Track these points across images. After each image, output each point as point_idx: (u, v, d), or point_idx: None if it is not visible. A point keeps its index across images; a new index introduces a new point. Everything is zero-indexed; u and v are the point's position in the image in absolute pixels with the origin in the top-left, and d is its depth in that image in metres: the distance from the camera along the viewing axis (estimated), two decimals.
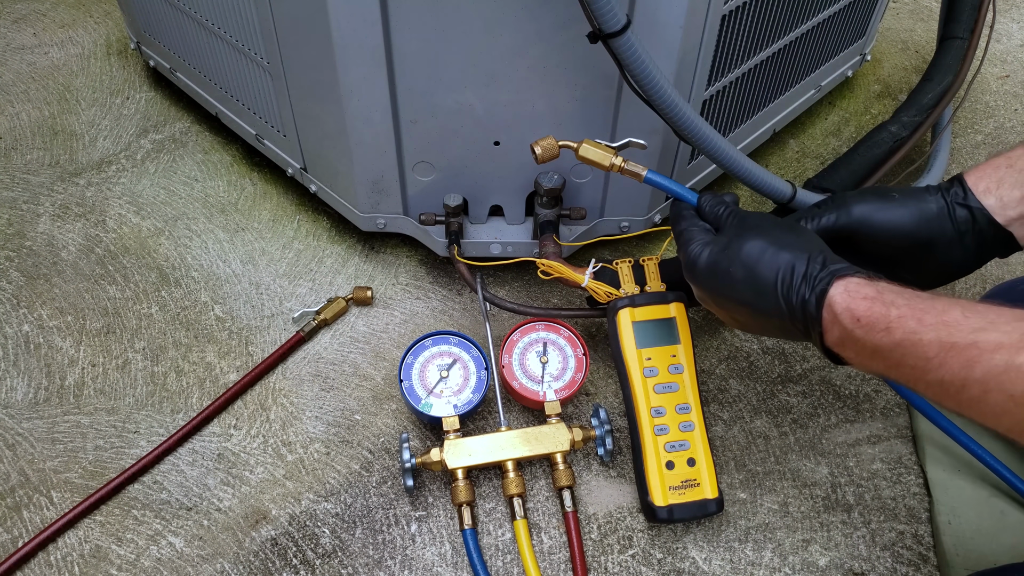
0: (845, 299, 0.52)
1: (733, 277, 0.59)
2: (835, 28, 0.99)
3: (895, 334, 0.48)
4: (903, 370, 0.48)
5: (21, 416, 0.80)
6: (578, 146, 0.70)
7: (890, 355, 0.49)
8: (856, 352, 0.52)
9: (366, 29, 0.71)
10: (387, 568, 0.70)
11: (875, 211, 0.64)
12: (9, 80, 1.20)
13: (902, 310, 0.49)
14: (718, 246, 0.61)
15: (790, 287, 0.55)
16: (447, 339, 0.80)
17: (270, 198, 1.03)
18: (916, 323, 0.48)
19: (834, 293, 0.53)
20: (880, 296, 0.51)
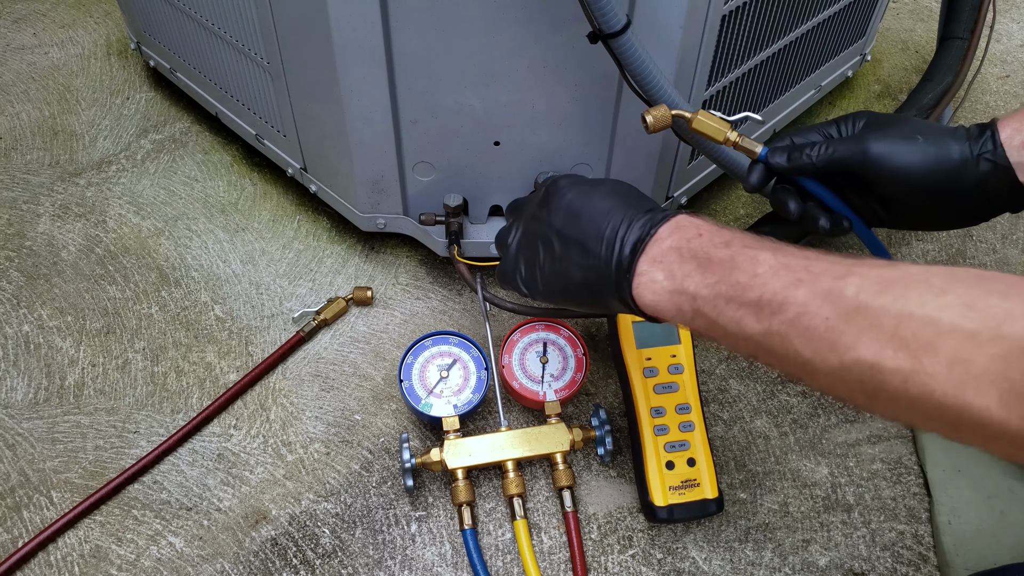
0: (695, 218, 0.52)
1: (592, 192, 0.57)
2: (835, 28, 0.99)
3: (733, 246, 0.48)
4: (722, 287, 0.46)
5: (21, 416, 0.80)
6: (692, 117, 0.66)
7: (717, 268, 0.47)
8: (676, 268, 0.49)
9: (366, 29, 0.71)
10: (387, 568, 0.70)
11: (893, 153, 0.60)
12: (9, 80, 1.20)
13: (747, 236, 0.49)
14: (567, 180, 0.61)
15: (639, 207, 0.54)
16: (447, 339, 0.80)
17: (270, 198, 1.03)
18: (756, 242, 0.48)
19: (683, 215, 0.53)
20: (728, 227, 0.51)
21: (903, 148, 0.60)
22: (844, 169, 0.62)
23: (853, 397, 0.42)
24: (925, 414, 0.38)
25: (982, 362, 0.35)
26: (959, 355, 0.36)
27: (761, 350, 0.45)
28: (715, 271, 0.47)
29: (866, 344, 0.39)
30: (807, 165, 0.63)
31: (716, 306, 0.47)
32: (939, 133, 0.61)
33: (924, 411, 0.38)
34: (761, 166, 0.65)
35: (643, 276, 0.51)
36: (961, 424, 0.37)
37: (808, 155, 0.62)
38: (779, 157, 0.64)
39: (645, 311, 0.52)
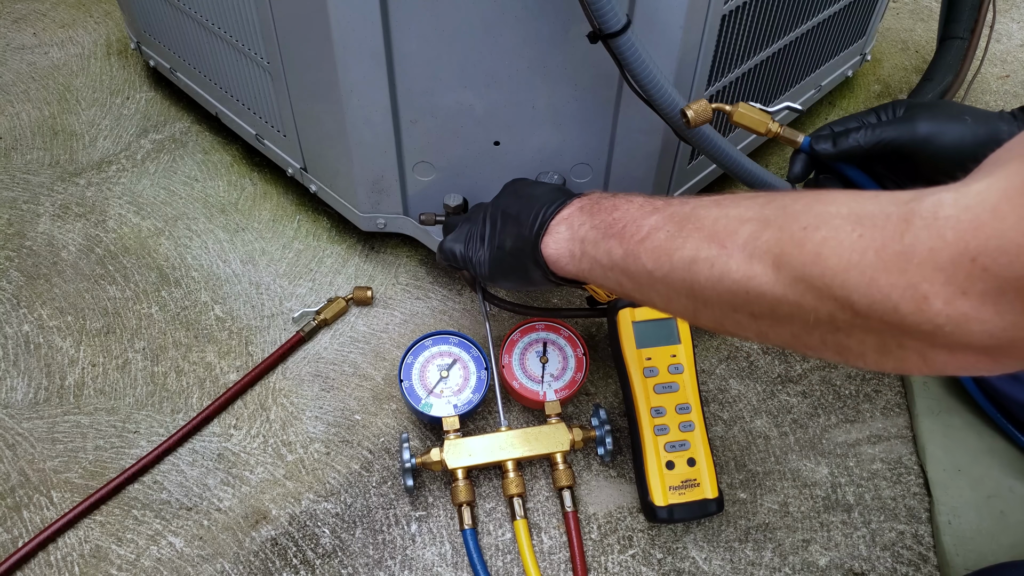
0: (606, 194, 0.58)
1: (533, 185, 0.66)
2: (835, 28, 0.99)
3: (618, 197, 0.55)
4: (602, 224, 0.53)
5: (21, 416, 0.80)
6: (733, 109, 0.66)
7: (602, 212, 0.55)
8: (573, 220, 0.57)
9: (366, 29, 0.71)
10: (387, 568, 0.70)
11: (943, 132, 0.59)
12: (9, 80, 1.20)
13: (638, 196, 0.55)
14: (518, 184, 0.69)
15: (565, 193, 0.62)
16: (447, 339, 0.80)
17: (270, 198, 1.03)
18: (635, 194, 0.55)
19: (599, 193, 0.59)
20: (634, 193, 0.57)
21: (953, 127, 0.60)
22: (893, 150, 0.62)
23: (679, 301, 0.48)
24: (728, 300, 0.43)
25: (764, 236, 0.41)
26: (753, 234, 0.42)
27: (624, 275, 0.51)
28: (599, 215, 0.55)
29: (690, 243, 0.46)
30: (854, 148, 0.62)
31: (596, 243, 0.54)
32: (983, 114, 0.61)
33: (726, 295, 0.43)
34: (803, 156, 0.65)
35: (551, 234, 0.58)
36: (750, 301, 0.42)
37: (855, 138, 0.62)
38: (824, 144, 0.63)
39: (548, 264, 0.58)
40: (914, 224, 0.35)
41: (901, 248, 0.35)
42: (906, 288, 0.34)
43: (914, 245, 0.34)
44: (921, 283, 0.34)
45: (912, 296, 0.34)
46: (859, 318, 0.37)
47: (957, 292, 0.33)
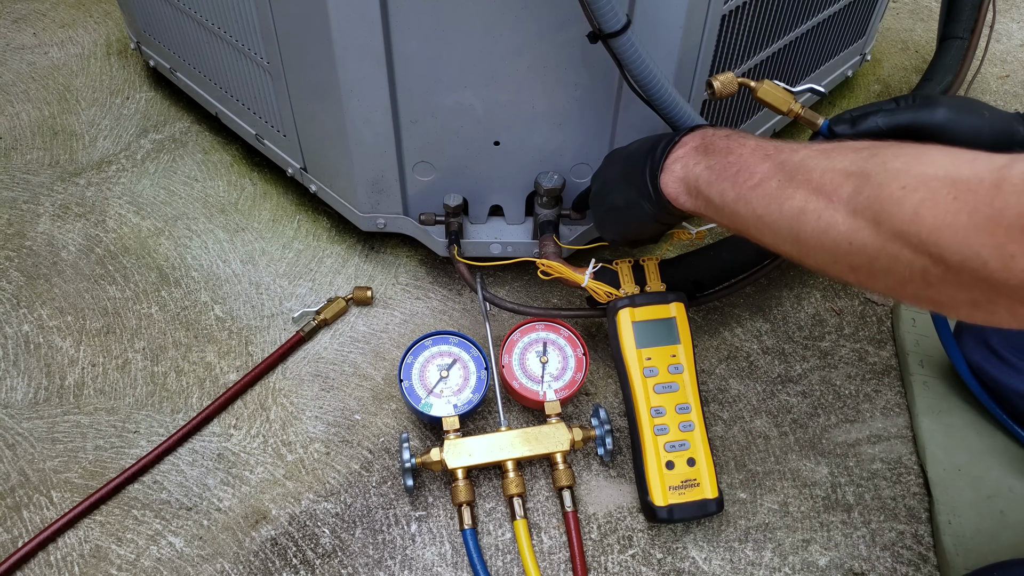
0: (713, 129, 0.62)
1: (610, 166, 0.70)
2: (835, 28, 0.99)
3: (732, 138, 0.58)
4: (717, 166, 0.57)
5: (21, 416, 0.80)
6: (758, 86, 0.68)
7: (717, 154, 0.57)
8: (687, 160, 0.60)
9: (366, 29, 0.71)
10: (387, 568, 0.70)
11: (961, 121, 0.62)
12: (9, 80, 1.20)
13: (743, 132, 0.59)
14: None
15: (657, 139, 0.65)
16: (447, 339, 0.80)
17: (270, 198, 1.03)
18: (752, 136, 0.58)
19: (707, 128, 0.62)
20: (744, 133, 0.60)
21: (971, 118, 0.62)
22: (911, 134, 0.63)
23: (787, 243, 0.51)
24: (831, 250, 0.47)
25: (866, 192, 0.44)
26: (856, 190, 0.45)
27: (734, 216, 0.55)
28: (713, 156, 0.58)
29: (799, 195, 0.49)
30: (873, 129, 0.64)
31: (709, 182, 0.57)
32: (1002, 113, 0.63)
33: (829, 246, 0.47)
34: (822, 139, 0.67)
35: (666, 172, 0.61)
36: (852, 252, 0.45)
37: (875, 121, 0.64)
38: (842, 126, 0.66)
39: (667, 198, 0.62)
40: (1004, 190, 0.38)
41: (991, 212, 0.38)
42: (995, 248, 0.37)
43: (1003, 209, 0.37)
44: (1008, 244, 0.37)
45: (1000, 255, 0.37)
46: (951, 273, 0.40)
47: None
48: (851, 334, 0.89)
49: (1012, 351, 0.73)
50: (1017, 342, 0.73)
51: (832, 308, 0.92)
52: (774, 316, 0.91)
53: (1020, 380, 0.73)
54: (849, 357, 0.87)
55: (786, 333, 0.89)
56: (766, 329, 0.90)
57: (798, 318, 0.91)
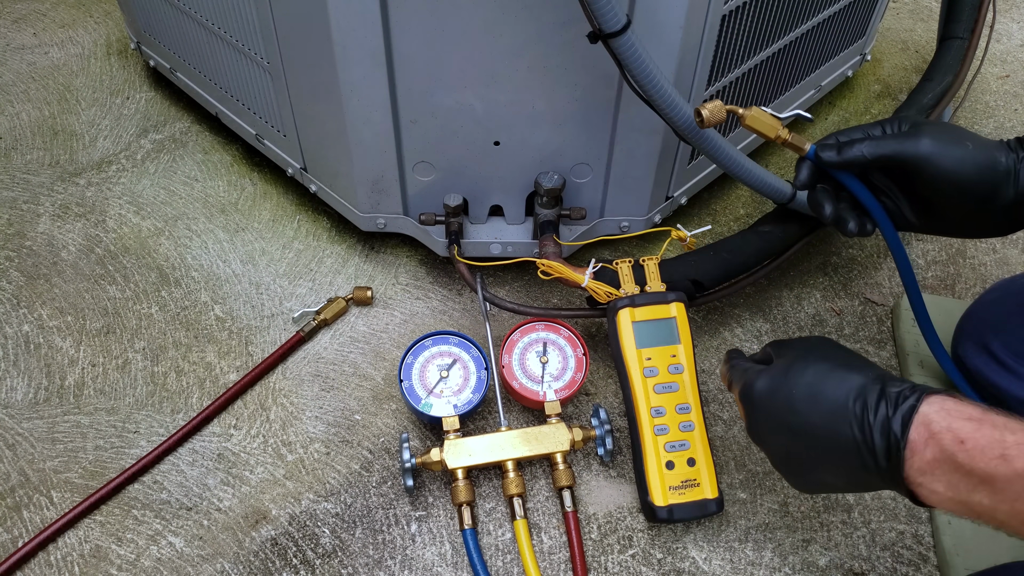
0: (944, 417, 0.45)
1: (795, 399, 0.52)
2: (835, 28, 0.99)
3: (1015, 463, 0.42)
4: (1020, 507, 0.42)
5: (21, 416, 0.80)
6: (745, 113, 0.65)
7: (1008, 487, 0.42)
8: (953, 483, 0.45)
9: (366, 29, 0.71)
10: (387, 568, 0.70)
11: (944, 155, 0.60)
12: (9, 80, 1.20)
13: (1018, 435, 0.43)
14: (777, 369, 0.55)
15: (865, 406, 0.49)
16: (447, 339, 0.80)
17: (270, 198, 1.03)
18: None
19: (928, 411, 0.46)
20: (988, 417, 0.45)
21: (954, 151, 0.60)
22: (894, 164, 0.62)
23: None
24: None
25: None
26: None
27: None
28: (1007, 490, 0.43)
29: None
30: (858, 159, 0.62)
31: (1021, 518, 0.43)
32: (984, 142, 0.61)
33: None
34: (809, 163, 0.65)
35: (922, 488, 0.47)
36: None
37: (860, 149, 0.62)
38: (829, 152, 0.63)
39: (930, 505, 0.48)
40: None
41: None
42: None
43: None
44: None
45: None
46: None
47: None
48: (851, 334, 0.89)
49: (1013, 356, 0.73)
50: (1018, 347, 0.73)
51: (832, 308, 0.92)
52: (774, 316, 0.91)
53: (1021, 386, 0.72)
54: None
55: (786, 333, 0.89)
56: (766, 329, 0.90)
57: (798, 318, 0.91)
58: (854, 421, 0.49)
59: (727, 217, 1.02)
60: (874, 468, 0.48)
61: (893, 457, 0.47)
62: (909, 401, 0.47)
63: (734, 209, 1.03)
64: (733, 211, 1.03)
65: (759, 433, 0.57)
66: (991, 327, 0.75)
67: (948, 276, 0.97)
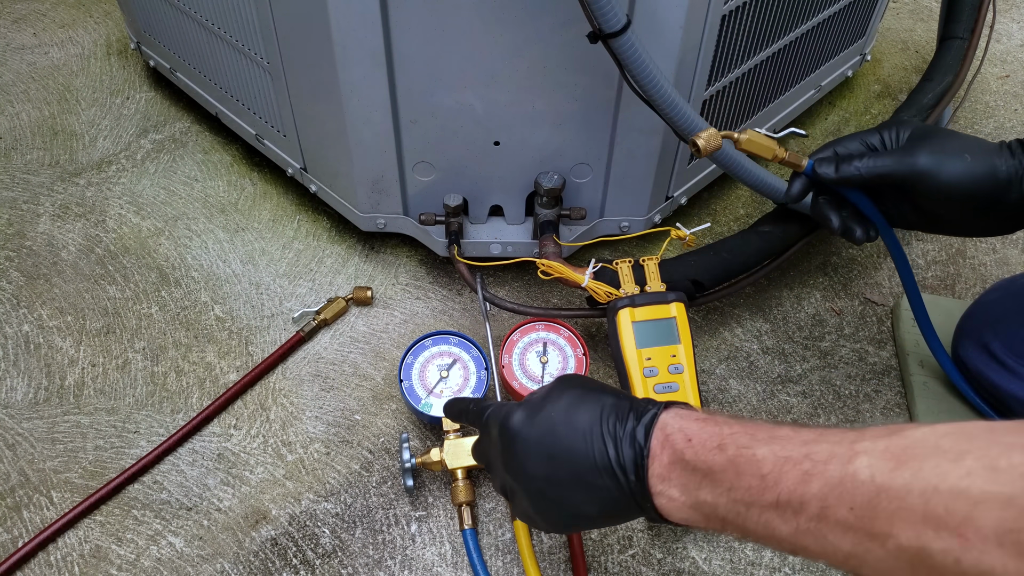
0: (677, 421, 0.47)
1: (553, 422, 0.52)
2: (835, 28, 0.99)
3: (728, 450, 0.44)
4: (736, 493, 0.43)
5: (21, 416, 0.80)
6: (740, 136, 0.65)
7: (723, 476, 0.44)
8: (684, 484, 0.46)
9: (366, 29, 0.71)
10: (387, 568, 0.70)
11: (941, 170, 0.60)
12: (9, 80, 1.20)
13: (734, 428, 0.45)
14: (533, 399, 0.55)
15: (616, 420, 0.50)
16: (447, 339, 0.80)
17: (270, 198, 1.03)
18: (748, 438, 0.43)
19: (665, 417, 0.48)
20: (712, 418, 0.47)
21: (952, 165, 0.60)
22: (891, 183, 0.62)
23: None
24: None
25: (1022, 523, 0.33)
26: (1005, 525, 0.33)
27: (799, 548, 0.42)
28: (722, 480, 0.44)
29: (902, 529, 0.36)
30: (855, 177, 0.62)
31: (739, 513, 0.44)
32: (985, 150, 0.61)
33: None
34: (803, 178, 0.65)
35: (661, 496, 0.47)
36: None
37: (856, 167, 0.62)
38: (826, 168, 0.63)
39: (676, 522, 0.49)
40: None
41: None
42: None
43: None
44: None
45: None
46: None
47: None
48: (851, 334, 0.89)
49: (1012, 356, 0.73)
50: (1018, 347, 0.73)
51: (832, 308, 0.92)
52: (774, 316, 0.91)
53: (1020, 386, 0.73)
54: (849, 357, 0.87)
55: (786, 333, 0.89)
56: (766, 329, 0.90)
57: (798, 318, 0.91)
58: (607, 435, 0.49)
59: (727, 217, 1.02)
60: (625, 485, 0.48)
61: (639, 468, 0.47)
62: (652, 411, 0.49)
63: (734, 209, 1.03)
64: (733, 211, 1.03)
65: (516, 465, 0.54)
66: (991, 327, 0.75)
67: (948, 276, 0.97)
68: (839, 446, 0.40)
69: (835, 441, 0.40)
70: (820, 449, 0.40)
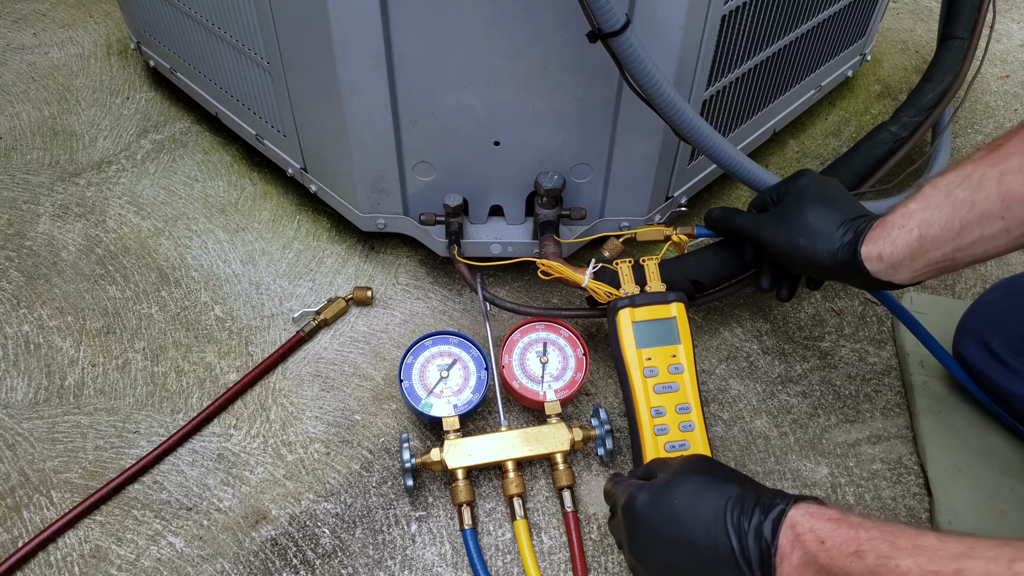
0: (808, 520, 0.47)
1: (676, 510, 0.53)
2: (835, 28, 0.99)
3: (867, 558, 0.43)
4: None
5: (21, 416, 0.80)
6: (636, 233, 0.79)
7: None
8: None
9: (366, 29, 0.71)
10: (387, 568, 0.70)
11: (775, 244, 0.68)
12: (9, 80, 1.20)
13: (871, 532, 0.44)
14: (659, 482, 0.56)
15: (741, 513, 0.50)
16: (447, 339, 0.80)
17: (270, 198, 1.03)
18: (889, 546, 0.43)
19: (795, 514, 0.48)
20: (846, 518, 0.46)
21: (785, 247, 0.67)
22: (760, 247, 0.71)
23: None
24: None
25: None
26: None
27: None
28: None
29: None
30: (730, 234, 0.76)
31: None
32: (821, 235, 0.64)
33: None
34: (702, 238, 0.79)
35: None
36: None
37: (732, 222, 0.74)
38: (710, 222, 0.77)
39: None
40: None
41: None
42: None
43: None
44: None
45: None
46: None
47: None
48: (851, 334, 0.89)
49: (1013, 355, 0.73)
50: (1019, 346, 0.73)
51: (832, 308, 0.92)
52: (774, 316, 0.91)
53: (1021, 385, 0.73)
54: (849, 357, 0.87)
55: (786, 333, 0.89)
56: (766, 329, 0.90)
57: (798, 318, 0.91)
58: (731, 529, 0.49)
59: None
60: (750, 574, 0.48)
61: (765, 564, 0.47)
62: (780, 506, 0.49)
63: None
64: None
65: (640, 548, 0.55)
66: (992, 326, 0.75)
67: (948, 276, 0.97)
68: (995, 564, 0.39)
69: (990, 558, 0.39)
70: (973, 567, 0.39)
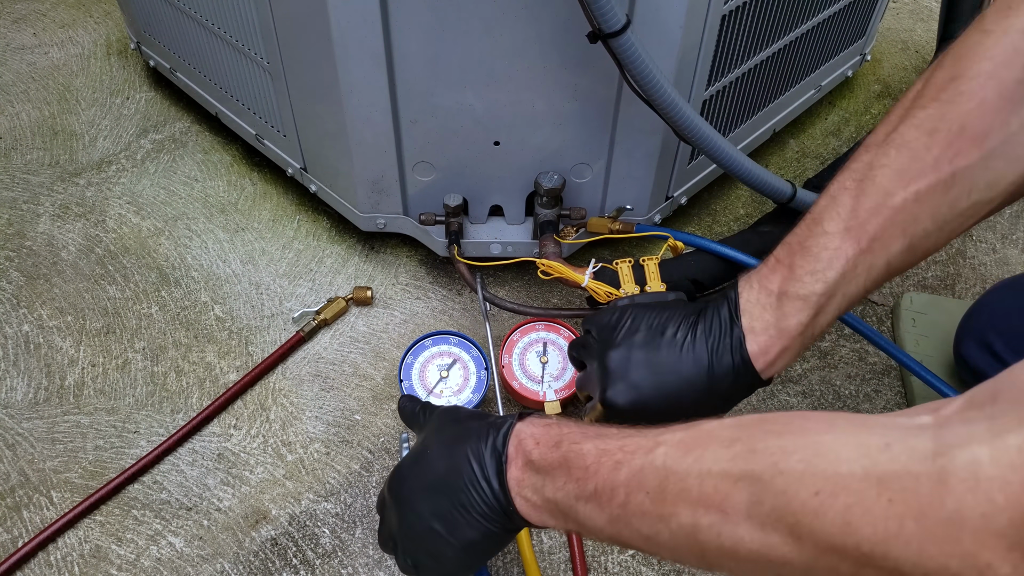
0: (528, 427, 0.51)
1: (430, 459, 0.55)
2: (835, 28, 0.99)
3: (562, 447, 0.48)
4: (568, 486, 0.46)
5: (21, 416, 0.80)
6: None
7: (559, 472, 0.47)
8: (534, 481, 0.49)
9: (366, 29, 0.71)
10: (387, 568, 0.70)
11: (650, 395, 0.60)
12: (9, 80, 1.20)
13: (571, 428, 0.49)
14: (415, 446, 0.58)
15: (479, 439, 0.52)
16: (447, 339, 0.80)
17: (270, 198, 1.03)
18: (580, 435, 0.47)
19: (520, 426, 0.51)
20: (558, 420, 0.51)
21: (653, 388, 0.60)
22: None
23: (692, 560, 0.42)
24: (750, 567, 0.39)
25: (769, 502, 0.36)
26: (753, 499, 0.37)
27: (617, 537, 0.45)
28: (558, 474, 0.47)
29: (682, 509, 0.40)
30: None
31: (573, 507, 0.47)
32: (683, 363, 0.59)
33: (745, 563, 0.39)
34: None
35: (518, 499, 0.50)
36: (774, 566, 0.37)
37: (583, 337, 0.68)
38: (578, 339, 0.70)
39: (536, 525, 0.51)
40: (953, 487, 0.31)
41: (946, 515, 0.32)
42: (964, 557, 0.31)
43: (960, 511, 0.31)
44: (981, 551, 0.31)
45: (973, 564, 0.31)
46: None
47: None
48: (851, 334, 0.89)
49: (1015, 355, 0.73)
50: (1020, 346, 0.73)
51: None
52: None
53: None
54: (849, 357, 0.87)
55: None
56: None
57: None
58: (472, 456, 0.52)
59: (727, 217, 1.02)
60: (491, 496, 0.50)
61: (501, 475, 0.50)
62: (508, 422, 0.52)
63: (734, 209, 1.03)
64: (733, 211, 1.03)
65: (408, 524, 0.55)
66: (993, 326, 0.75)
67: (948, 276, 0.97)
68: (646, 438, 0.43)
69: (647, 434, 0.44)
70: (631, 442, 0.44)
